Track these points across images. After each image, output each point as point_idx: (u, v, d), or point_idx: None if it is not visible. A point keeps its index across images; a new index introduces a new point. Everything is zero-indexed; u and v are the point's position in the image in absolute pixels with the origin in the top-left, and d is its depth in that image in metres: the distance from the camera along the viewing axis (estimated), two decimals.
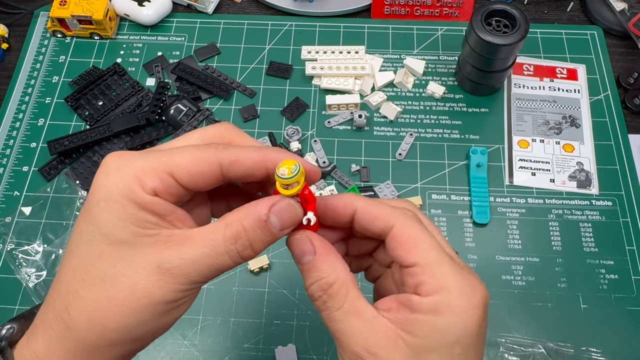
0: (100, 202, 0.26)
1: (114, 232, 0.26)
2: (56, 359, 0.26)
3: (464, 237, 0.58)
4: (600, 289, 0.55)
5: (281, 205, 0.27)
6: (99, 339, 0.26)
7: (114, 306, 0.25)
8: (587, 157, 0.62)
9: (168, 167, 0.27)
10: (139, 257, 0.26)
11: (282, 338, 0.53)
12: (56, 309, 0.26)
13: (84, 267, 0.26)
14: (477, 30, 0.58)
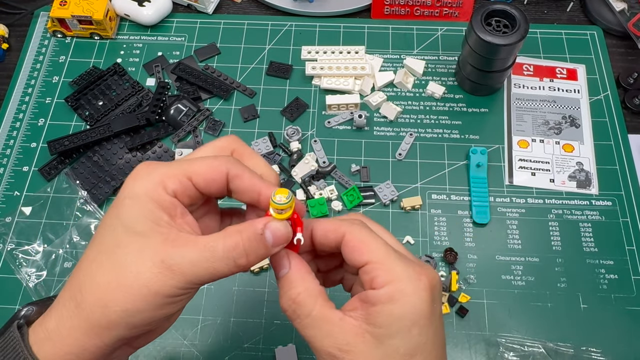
0: (126, 199, 0.30)
1: (133, 225, 0.29)
2: (63, 335, 0.29)
3: (464, 237, 0.58)
4: (600, 289, 0.55)
5: (276, 224, 0.31)
6: (101, 319, 0.29)
7: (119, 291, 0.28)
8: (587, 157, 0.62)
9: (187, 173, 0.31)
10: (148, 250, 0.29)
11: (282, 338, 0.53)
12: (71, 289, 0.30)
13: (103, 253, 0.30)
14: (477, 30, 0.58)
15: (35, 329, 0.31)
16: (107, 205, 0.61)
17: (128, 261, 0.29)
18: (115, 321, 0.29)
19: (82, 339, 0.29)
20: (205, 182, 0.31)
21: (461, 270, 0.56)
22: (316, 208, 0.59)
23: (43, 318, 0.31)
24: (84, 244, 0.58)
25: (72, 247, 0.58)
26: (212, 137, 0.64)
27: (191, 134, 0.64)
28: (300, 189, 0.61)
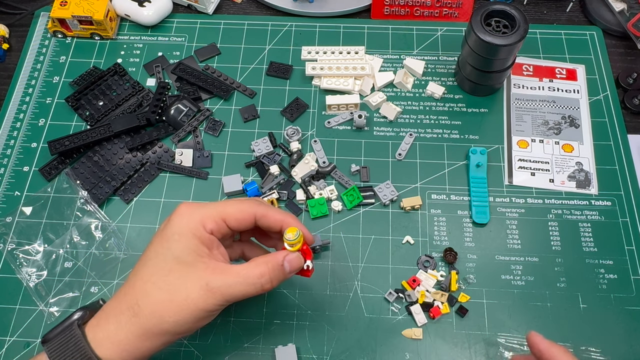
0: (175, 235, 0.40)
1: (182, 256, 0.39)
2: (120, 337, 0.38)
3: (464, 237, 0.58)
4: (599, 289, 0.55)
5: (291, 257, 0.42)
6: (155, 327, 0.38)
7: (172, 306, 0.38)
8: (587, 157, 0.62)
9: (222, 215, 0.42)
10: (194, 276, 0.39)
11: (282, 337, 0.53)
12: (128, 301, 0.39)
13: (157, 276, 0.39)
14: (477, 30, 0.58)
15: (92, 330, 0.39)
16: (107, 205, 0.61)
17: (179, 284, 0.39)
18: (167, 330, 0.39)
19: (137, 341, 0.38)
20: (236, 222, 0.42)
21: (461, 270, 0.56)
22: (316, 208, 0.59)
23: (98, 322, 0.39)
24: (84, 244, 0.58)
25: (72, 247, 0.58)
26: (212, 137, 0.64)
27: (191, 134, 0.64)
28: (300, 189, 0.61)
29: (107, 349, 0.38)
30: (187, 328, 0.39)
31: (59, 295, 0.56)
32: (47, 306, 0.55)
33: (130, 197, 0.61)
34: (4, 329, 0.54)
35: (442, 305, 0.54)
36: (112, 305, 0.40)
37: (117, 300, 0.40)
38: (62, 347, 0.38)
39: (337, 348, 0.53)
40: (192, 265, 0.39)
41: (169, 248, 0.40)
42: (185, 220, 0.41)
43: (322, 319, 0.54)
